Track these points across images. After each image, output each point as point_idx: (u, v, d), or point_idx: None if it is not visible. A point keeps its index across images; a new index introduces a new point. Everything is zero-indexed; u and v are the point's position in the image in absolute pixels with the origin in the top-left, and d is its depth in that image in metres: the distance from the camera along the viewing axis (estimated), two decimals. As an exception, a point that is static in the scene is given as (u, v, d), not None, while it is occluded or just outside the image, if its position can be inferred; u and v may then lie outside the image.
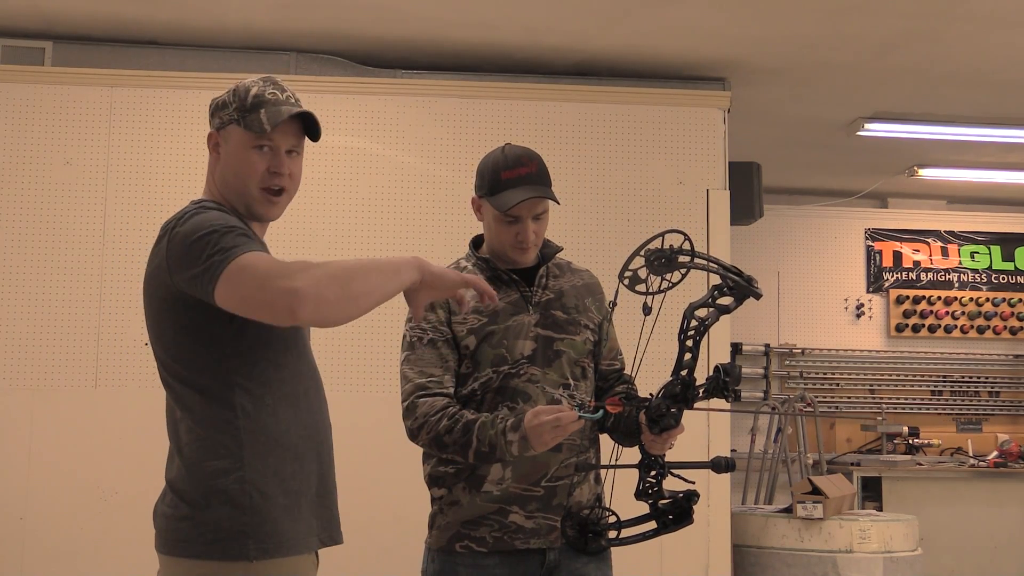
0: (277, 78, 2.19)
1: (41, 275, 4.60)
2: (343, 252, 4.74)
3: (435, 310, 2.56)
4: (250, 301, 1.87)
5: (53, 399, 4.54)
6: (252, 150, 2.11)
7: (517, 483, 2.53)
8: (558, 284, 2.70)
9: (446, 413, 2.48)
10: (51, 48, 4.80)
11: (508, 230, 2.59)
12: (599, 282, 2.81)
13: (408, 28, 4.72)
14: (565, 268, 2.76)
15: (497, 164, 2.60)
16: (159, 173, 4.67)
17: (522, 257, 2.62)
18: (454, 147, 4.88)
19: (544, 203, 2.60)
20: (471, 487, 2.54)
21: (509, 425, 2.40)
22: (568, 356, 2.61)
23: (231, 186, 2.13)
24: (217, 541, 1.93)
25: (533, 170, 2.58)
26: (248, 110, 2.10)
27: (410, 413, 2.52)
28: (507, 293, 2.62)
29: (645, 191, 4.91)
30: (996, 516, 6.81)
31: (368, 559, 4.22)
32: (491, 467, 2.53)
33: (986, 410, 7.75)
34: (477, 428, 2.43)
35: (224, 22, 4.66)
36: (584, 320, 2.68)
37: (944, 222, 7.95)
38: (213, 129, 2.16)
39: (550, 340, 2.61)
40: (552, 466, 2.55)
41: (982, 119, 5.94)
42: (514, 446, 2.39)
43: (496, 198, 2.56)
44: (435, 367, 2.54)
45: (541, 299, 2.65)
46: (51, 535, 4.45)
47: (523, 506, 2.53)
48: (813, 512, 4.69)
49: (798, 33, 4.75)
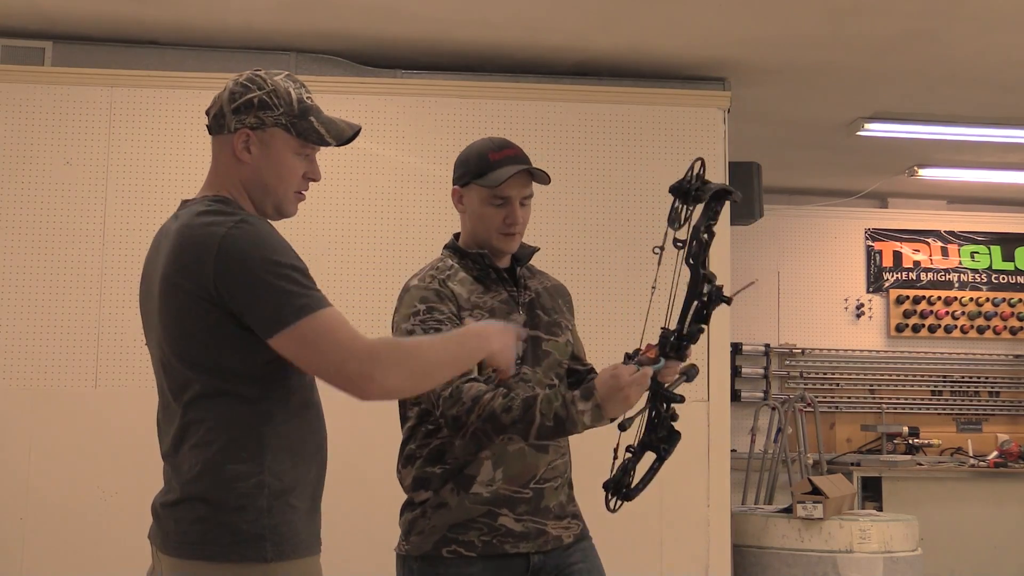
0: (297, 77, 2.20)
1: (41, 275, 4.59)
2: (343, 252, 4.75)
3: (445, 302, 2.48)
4: (318, 367, 1.93)
5: (53, 399, 4.54)
6: (295, 155, 2.12)
7: (507, 484, 2.46)
8: (534, 285, 2.67)
9: (499, 392, 2.36)
10: (51, 48, 4.80)
11: (496, 213, 2.54)
12: (564, 286, 2.79)
13: (408, 28, 4.72)
14: (535, 271, 2.74)
15: (483, 148, 2.58)
16: (159, 173, 4.67)
17: (508, 244, 2.57)
18: (454, 147, 4.81)
19: (530, 188, 2.57)
20: (459, 488, 2.46)
21: (578, 395, 2.30)
22: (553, 357, 2.59)
23: (268, 187, 2.11)
24: (235, 543, 1.92)
25: (520, 152, 2.57)
26: (298, 116, 2.10)
27: (454, 398, 2.37)
28: (497, 292, 2.57)
29: (645, 191, 4.90)
30: (996, 516, 6.82)
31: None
32: (481, 467, 2.46)
33: (986, 410, 7.75)
34: (540, 403, 2.31)
35: (224, 22, 4.66)
36: (563, 321, 2.67)
37: (944, 222, 7.95)
38: (246, 127, 2.09)
39: (538, 340, 2.57)
40: (541, 467, 2.50)
41: (982, 119, 5.94)
42: (587, 415, 2.28)
43: (486, 178, 2.52)
44: None
45: (525, 299, 2.62)
46: (51, 535, 4.45)
47: (513, 508, 2.47)
48: (813, 512, 4.70)
49: (798, 33, 4.74)
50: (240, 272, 1.93)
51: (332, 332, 1.92)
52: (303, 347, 1.92)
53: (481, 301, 2.52)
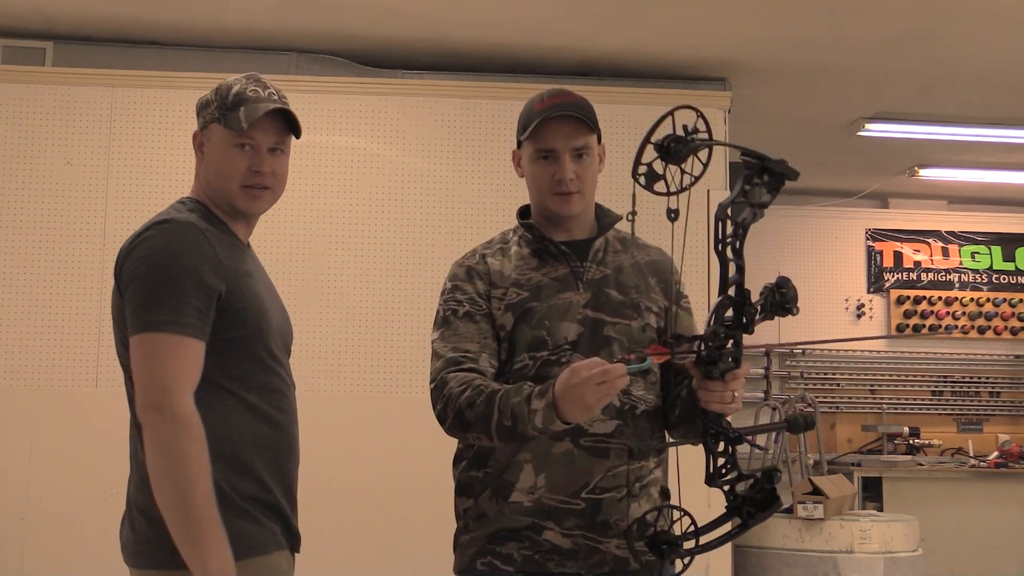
0: (261, 76, 2.16)
1: (42, 275, 4.60)
2: (343, 252, 4.74)
3: (473, 281, 2.20)
4: (136, 382, 1.97)
5: (53, 399, 4.54)
6: (233, 148, 2.09)
7: (552, 493, 2.09)
8: (618, 260, 2.25)
9: (471, 384, 2.04)
10: (52, 48, 4.80)
11: (545, 170, 2.20)
12: (671, 260, 2.31)
13: (408, 28, 4.71)
14: (630, 243, 2.31)
15: (533, 99, 2.26)
16: (160, 173, 4.67)
17: (563, 206, 2.20)
18: (454, 147, 4.88)
19: (585, 138, 2.20)
20: (497, 495, 2.12)
21: (536, 391, 1.96)
22: (620, 344, 2.14)
23: (213, 185, 2.12)
24: (175, 551, 1.90)
25: (572, 99, 2.21)
26: (229, 108, 2.08)
27: (438, 393, 2.10)
28: (553, 267, 2.21)
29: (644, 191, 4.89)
30: (996, 516, 6.81)
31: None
32: (520, 471, 2.10)
33: (987, 410, 7.74)
34: (499, 397, 1.99)
35: (224, 22, 4.66)
36: (645, 302, 2.22)
37: (944, 222, 7.95)
38: (198, 129, 2.16)
39: (600, 324, 2.16)
40: (596, 474, 2.10)
41: (982, 119, 5.94)
42: (537, 416, 1.93)
43: (528, 130, 2.22)
44: (471, 342, 2.13)
45: (595, 276, 2.21)
46: (51, 535, 4.45)
47: (560, 522, 2.09)
48: (814, 512, 4.70)
49: (798, 33, 4.74)
50: (131, 270, 1.97)
51: (155, 357, 1.91)
52: (135, 358, 1.94)
53: (525, 278, 2.19)
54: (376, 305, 4.73)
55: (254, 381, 2.03)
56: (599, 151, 2.28)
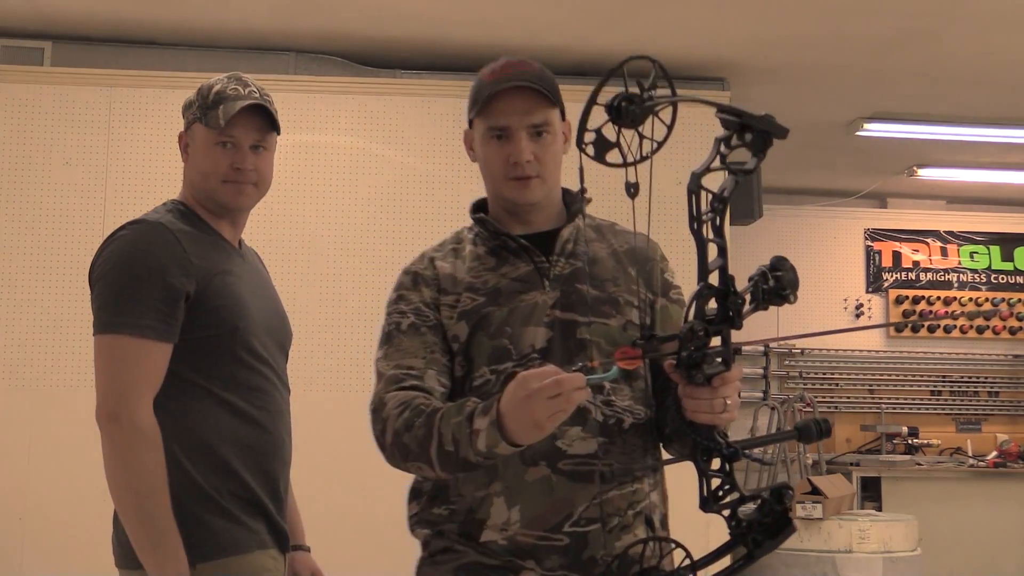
0: (244, 75, 2.18)
1: (41, 275, 4.60)
2: (343, 251, 4.74)
3: (419, 288, 1.91)
4: (96, 383, 2.00)
5: (53, 399, 4.53)
6: (215, 147, 2.11)
7: (529, 529, 1.76)
8: (591, 250, 1.94)
9: (409, 404, 1.74)
10: (50, 48, 4.80)
11: (498, 152, 1.90)
12: (657, 246, 2.00)
13: (407, 28, 4.71)
14: (606, 230, 2.01)
15: (484, 70, 1.95)
16: (158, 173, 4.66)
17: (520, 193, 1.89)
18: (454, 147, 4.86)
19: (544, 113, 1.88)
20: (465, 536, 1.81)
21: (480, 407, 1.64)
22: (599, 347, 1.81)
23: (197, 185, 2.14)
24: None
25: (526, 68, 1.89)
26: (209, 107, 2.11)
27: (376, 416, 1.80)
28: (514, 265, 1.90)
29: (644, 190, 4.89)
30: (996, 516, 6.81)
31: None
32: (491, 506, 1.77)
33: (985, 410, 7.75)
34: (439, 418, 1.68)
35: (224, 22, 4.66)
36: (625, 296, 1.89)
37: (944, 222, 7.95)
38: (183, 130, 2.18)
39: (572, 325, 1.84)
40: (579, 503, 1.77)
41: (982, 119, 5.94)
42: (480, 437, 1.60)
43: (477, 106, 1.93)
44: (415, 357, 1.83)
45: (563, 271, 1.89)
46: (51, 535, 4.45)
47: (540, 561, 1.76)
48: (813, 512, 4.70)
49: (798, 33, 4.74)
50: (98, 271, 2.03)
51: (114, 362, 1.93)
52: (95, 360, 1.96)
53: (480, 281, 1.89)
54: (375, 305, 4.70)
55: (233, 379, 2.04)
56: (563, 128, 1.94)
